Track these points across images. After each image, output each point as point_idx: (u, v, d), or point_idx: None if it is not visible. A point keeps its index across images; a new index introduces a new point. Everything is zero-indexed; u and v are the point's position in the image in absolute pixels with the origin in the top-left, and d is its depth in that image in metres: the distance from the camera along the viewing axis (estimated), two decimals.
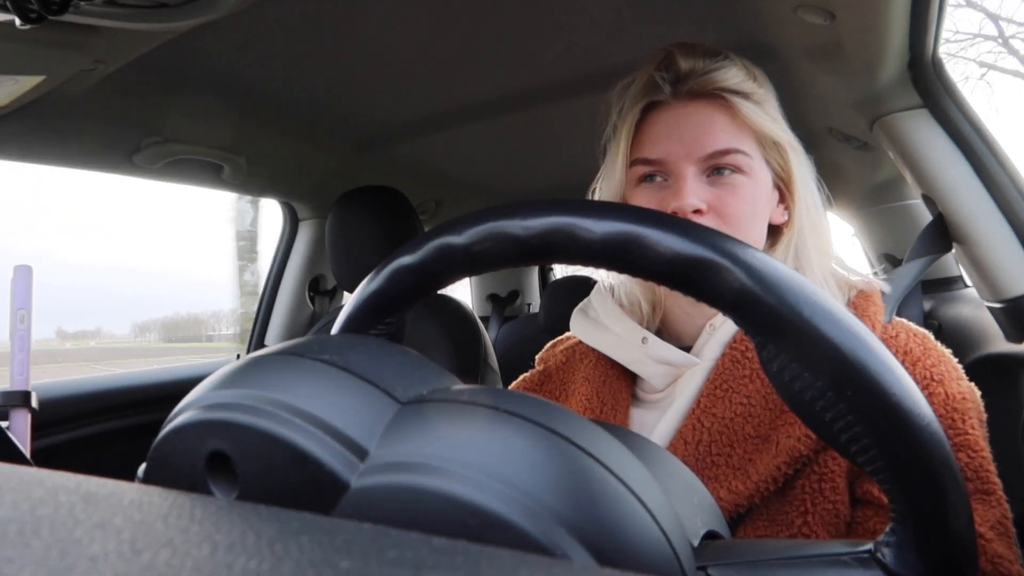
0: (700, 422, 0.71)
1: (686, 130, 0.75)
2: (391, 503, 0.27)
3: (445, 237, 0.39)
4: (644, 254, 0.34)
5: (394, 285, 0.43)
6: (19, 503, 0.24)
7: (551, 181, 2.27)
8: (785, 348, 0.33)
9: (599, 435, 0.30)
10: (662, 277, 0.35)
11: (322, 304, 2.23)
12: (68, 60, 1.01)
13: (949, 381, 0.68)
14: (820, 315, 0.32)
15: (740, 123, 0.74)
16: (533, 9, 1.15)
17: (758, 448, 0.67)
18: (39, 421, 1.16)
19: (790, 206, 0.79)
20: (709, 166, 0.75)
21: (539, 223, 0.36)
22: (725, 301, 0.34)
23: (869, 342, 0.31)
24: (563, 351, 0.92)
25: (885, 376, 0.31)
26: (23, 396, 1.06)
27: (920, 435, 0.31)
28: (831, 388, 0.32)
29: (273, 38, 1.19)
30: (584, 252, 0.36)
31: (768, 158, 0.77)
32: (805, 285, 0.32)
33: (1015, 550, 0.61)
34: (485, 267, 0.39)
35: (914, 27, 1.05)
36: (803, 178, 0.78)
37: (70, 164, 1.49)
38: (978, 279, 1.29)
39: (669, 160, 0.75)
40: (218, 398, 0.31)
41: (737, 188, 0.74)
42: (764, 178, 0.77)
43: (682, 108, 0.76)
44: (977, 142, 1.18)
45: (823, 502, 0.65)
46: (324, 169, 1.92)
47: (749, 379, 0.71)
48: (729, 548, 0.35)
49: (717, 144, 0.74)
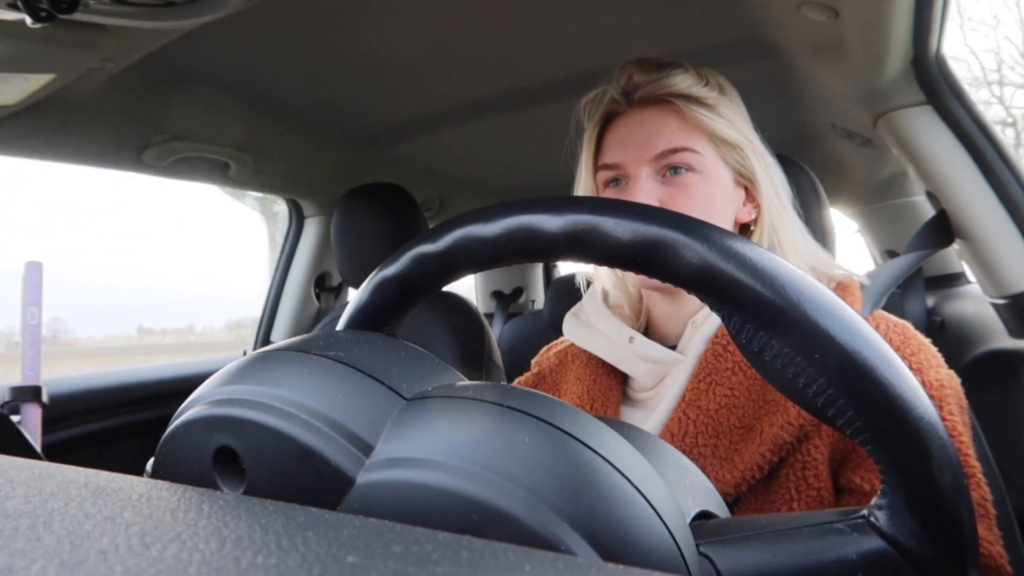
0: (686, 414, 0.73)
1: (638, 134, 0.80)
2: (396, 498, 0.27)
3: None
4: (604, 241, 0.35)
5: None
6: (31, 497, 0.25)
7: (555, 178, 2.26)
8: (750, 318, 0.33)
9: (602, 431, 0.30)
10: (624, 262, 0.35)
11: (327, 300, 2.23)
12: (77, 59, 1.01)
13: (927, 369, 0.70)
14: (779, 280, 0.32)
15: (690, 125, 0.78)
16: (537, 8, 1.15)
17: (743, 438, 0.69)
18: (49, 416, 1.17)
19: (758, 203, 0.82)
20: (662, 166, 0.79)
21: (502, 224, 0.37)
22: (686, 278, 0.34)
23: (827, 298, 0.32)
24: (556, 354, 0.95)
25: (846, 330, 0.31)
26: (34, 391, 1.07)
27: (893, 389, 0.31)
28: (799, 353, 0.32)
29: (279, 36, 1.20)
30: (547, 247, 0.36)
31: (725, 157, 0.80)
32: (760, 252, 0.33)
33: (995, 531, 0.63)
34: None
35: (918, 24, 1.04)
36: (766, 176, 0.81)
37: (79, 162, 1.49)
38: (981, 275, 1.28)
39: (625, 163, 0.80)
40: (225, 394, 0.32)
41: (689, 186, 0.78)
42: (720, 176, 0.80)
43: (635, 115, 0.81)
44: (981, 139, 1.18)
45: (807, 489, 0.67)
46: (330, 166, 1.92)
47: (732, 371, 0.74)
48: (722, 526, 0.35)
49: (665, 144, 0.78)
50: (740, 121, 0.81)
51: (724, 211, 0.80)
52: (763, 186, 0.81)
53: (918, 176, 1.31)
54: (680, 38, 1.27)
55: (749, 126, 0.82)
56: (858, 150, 1.64)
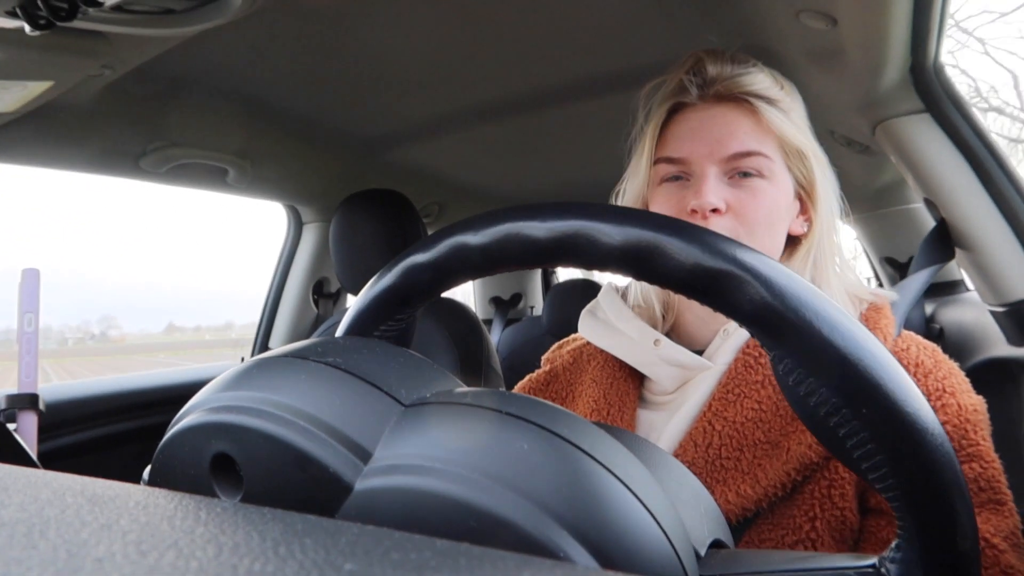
0: (711, 425, 0.71)
1: (710, 131, 0.76)
2: (394, 505, 0.27)
3: (461, 235, 0.39)
4: (664, 263, 0.34)
5: (406, 282, 0.43)
6: (26, 504, 0.25)
7: (555, 185, 2.27)
8: (801, 363, 0.33)
9: (602, 438, 0.30)
10: (681, 287, 0.35)
11: (326, 307, 2.23)
12: (76, 66, 1.01)
13: (960, 393, 0.68)
14: (838, 332, 0.32)
15: (764, 128, 0.75)
16: (537, 14, 1.15)
17: (768, 454, 0.67)
18: (46, 423, 1.17)
19: (811, 217, 0.79)
20: (731, 168, 0.75)
21: (559, 226, 0.36)
22: (744, 314, 0.34)
23: (885, 360, 0.32)
24: (570, 352, 0.92)
25: (900, 395, 0.31)
26: (30, 399, 1.07)
27: (932, 455, 0.31)
28: (846, 404, 0.32)
29: (278, 43, 1.20)
30: (603, 258, 0.36)
31: (791, 165, 0.77)
32: (824, 302, 0.32)
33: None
34: (500, 268, 0.39)
35: (916, 32, 1.05)
36: (825, 189, 0.78)
37: (77, 168, 1.50)
38: (980, 283, 1.28)
39: (692, 159, 0.76)
40: (223, 401, 0.32)
41: (757, 192, 0.75)
42: (785, 185, 0.77)
43: (707, 110, 0.77)
44: (979, 146, 1.18)
45: (831, 508, 0.65)
46: (328, 173, 1.93)
47: (761, 385, 0.71)
48: (735, 558, 0.35)
49: (739, 146, 0.74)
50: (807, 129, 0.79)
51: (784, 220, 0.78)
52: (821, 200, 0.78)
53: (916, 184, 1.31)
54: (679, 45, 1.27)
55: (813, 135, 0.79)
56: (856, 157, 1.64)
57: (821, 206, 0.78)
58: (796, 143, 0.76)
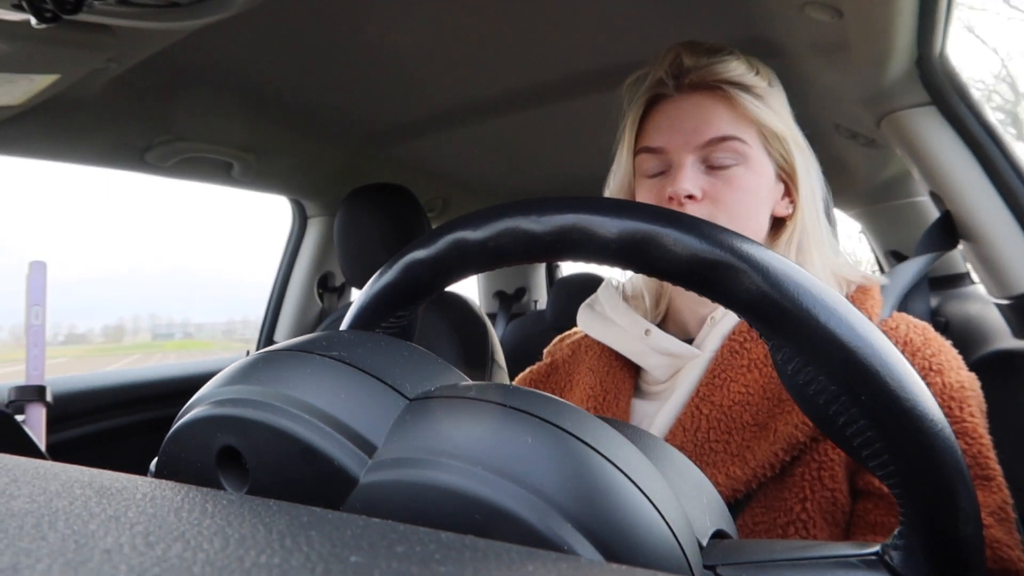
0: (699, 409, 0.72)
1: (685, 120, 0.77)
2: (399, 498, 0.27)
3: (461, 232, 0.39)
4: (661, 254, 0.34)
5: (407, 279, 0.43)
6: (35, 496, 0.25)
7: (559, 179, 2.26)
8: (800, 352, 0.33)
9: (606, 432, 0.30)
10: (678, 278, 0.35)
11: (331, 301, 2.23)
12: (81, 59, 1.02)
13: (948, 371, 0.69)
14: (836, 320, 0.32)
15: (740, 114, 0.76)
16: (543, 9, 1.15)
17: (756, 435, 0.68)
18: (54, 416, 1.17)
19: (795, 199, 0.80)
20: (708, 155, 0.76)
21: (556, 220, 0.36)
22: (741, 304, 0.34)
23: (884, 347, 0.32)
24: (569, 344, 0.94)
25: (899, 382, 0.31)
26: (38, 391, 1.08)
27: (933, 441, 0.31)
28: (845, 392, 0.32)
29: (283, 37, 1.20)
30: (600, 251, 0.36)
31: (770, 150, 0.78)
32: (822, 289, 0.33)
33: (1015, 535, 0.62)
34: (500, 263, 0.39)
35: (922, 24, 1.04)
36: (807, 172, 0.80)
37: (83, 162, 1.50)
38: (985, 276, 1.28)
39: (669, 149, 0.78)
40: (229, 394, 0.32)
41: (734, 179, 0.76)
42: (765, 169, 0.78)
43: (684, 100, 0.79)
44: (985, 139, 1.18)
45: (821, 490, 0.66)
46: (333, 167, 1.93)
47: (747, 369, 0.73)
48: (738, 548, 0.35)
49: (714, 132, 0.76)
50: (786, 114, 0.80)
51: (765, 204, 0.79)
52: (803, 182, 0.79)
53: (922, 177, 1.31)
54: (683, 38, 1.27)
55: (793, 120, 0.80)
56: (862, 150, 1.63)
57: (803, 188, 0.79)
58: (773, 127, 0.77)
